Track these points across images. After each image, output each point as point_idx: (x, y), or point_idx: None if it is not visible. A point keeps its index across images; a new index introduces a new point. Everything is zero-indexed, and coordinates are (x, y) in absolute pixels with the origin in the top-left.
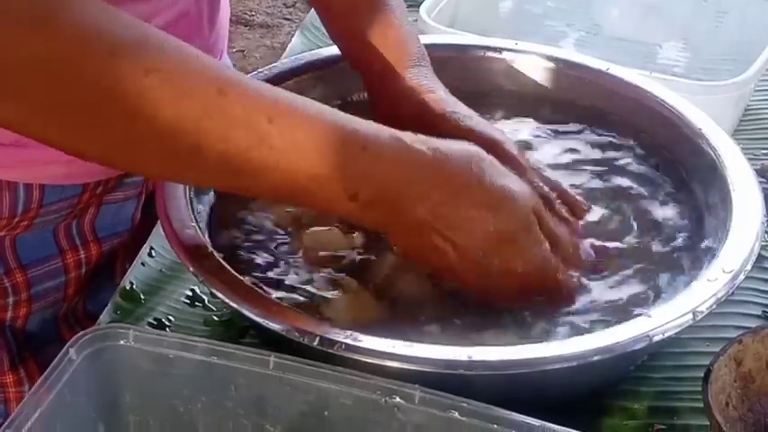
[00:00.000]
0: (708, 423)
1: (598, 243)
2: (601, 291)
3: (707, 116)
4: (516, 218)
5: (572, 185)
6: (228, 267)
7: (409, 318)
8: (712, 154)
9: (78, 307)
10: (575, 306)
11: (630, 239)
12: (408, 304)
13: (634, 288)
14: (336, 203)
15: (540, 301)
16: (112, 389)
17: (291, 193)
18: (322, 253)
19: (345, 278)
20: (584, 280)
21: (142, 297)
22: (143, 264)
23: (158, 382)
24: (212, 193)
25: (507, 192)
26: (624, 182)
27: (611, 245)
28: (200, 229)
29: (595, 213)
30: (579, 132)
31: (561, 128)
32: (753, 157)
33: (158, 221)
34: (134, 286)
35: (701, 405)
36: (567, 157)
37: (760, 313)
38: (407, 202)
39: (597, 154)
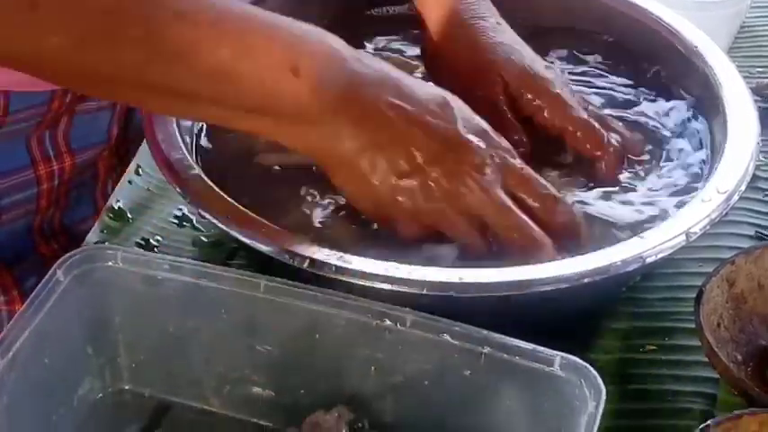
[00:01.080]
0: (699, 344)
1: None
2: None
3: (702, 33)
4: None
5: None
6: (216, 188)
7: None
8: (707, 72)
9: (54, 220)
10: None
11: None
12: None
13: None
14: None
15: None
16: (101, 310)
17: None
18: None
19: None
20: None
21: (129, 216)
22: (130, 182)
23: (147, 304)
24: None
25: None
26: (616, 102)
27: None
28: (187, 148)
29: None
30: (568, 50)
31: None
32: (748, 75)
33: (143, 139)
34: (121, 205)
35: (693, 326)
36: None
37: (753, 234)
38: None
39: (588, 74)
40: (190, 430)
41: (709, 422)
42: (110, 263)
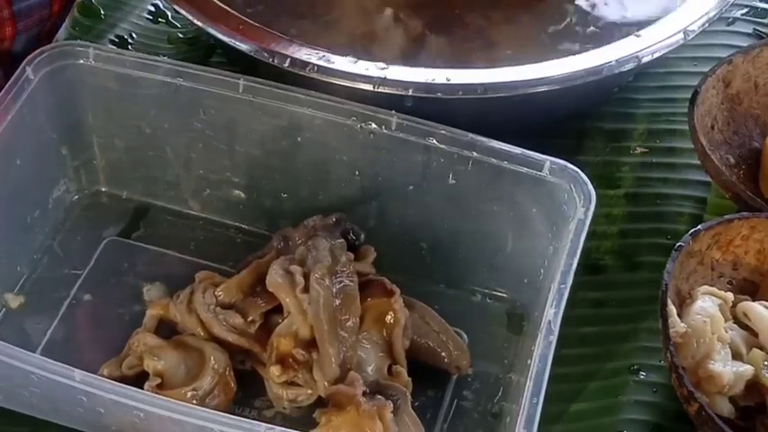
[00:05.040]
0: (692, 146)
1: None
2: None
3: None
4: None
5: None
6: None
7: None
8: None
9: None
10: None
11: None
12: None
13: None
14: None
15: None
16: (74, 110)
17: None
18: None
19: None
20: None
21: (102, 12)
22: None
23: (122, 103)
24: None
25: None
26: None
27: None
28: None
29: None
30: None
31: None
32: None
33: None
34: (93, 0)
35: (686, 128)
36: None
37: (751, 32)
38: None
39: None
40: (169, 233)
41: (699, 226)
42: (81, 60)
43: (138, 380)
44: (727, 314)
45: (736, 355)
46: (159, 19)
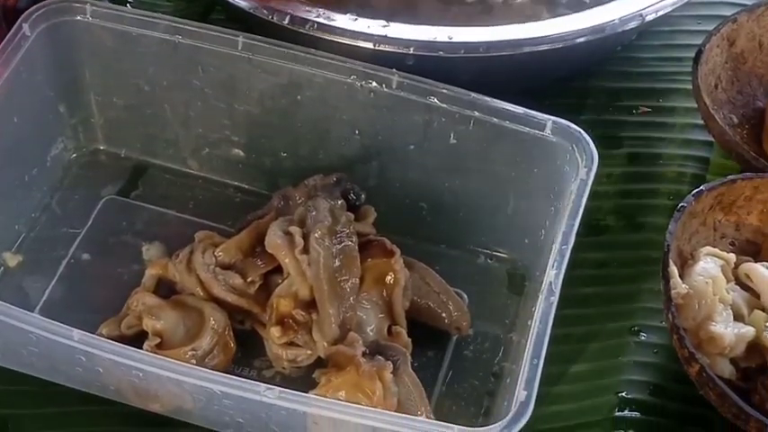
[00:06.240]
0: (695, 106)
1: None
2: None
3: None
4: None
5: None
6: None
7: None
8: None
9: None
10: None
11: None
12: None
13: None
14: None
15: None
16: (72, 67)
17: None
18: None
19: None
20: None
21: None
22: None
23: (120, 61)
24: None
25: None
26: None
27: None
28: None
29: None
30: None
31: None
32: None
33: None
34: None
35: (690, 87)
36: None
37: None
38: None
39: None
40: (168, 192)
41: (702, 187)
42: (79, 17)
43: (137, 339)
44: (729, 275)
45: (738, 317)
46: None
